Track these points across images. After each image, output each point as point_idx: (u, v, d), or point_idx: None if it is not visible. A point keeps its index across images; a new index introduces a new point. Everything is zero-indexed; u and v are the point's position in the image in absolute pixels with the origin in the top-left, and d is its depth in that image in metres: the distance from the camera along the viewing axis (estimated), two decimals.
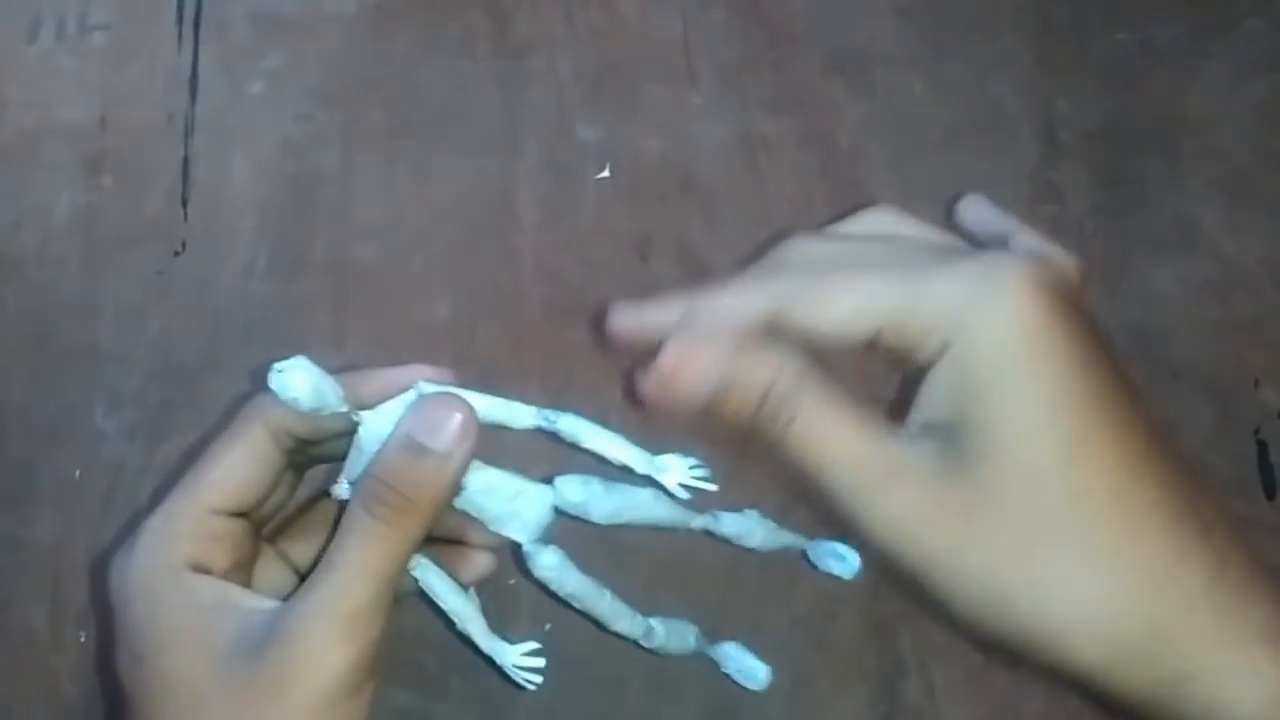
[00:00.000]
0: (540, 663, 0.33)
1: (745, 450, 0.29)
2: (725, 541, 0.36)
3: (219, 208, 0.45)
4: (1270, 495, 0.41)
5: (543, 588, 0.34)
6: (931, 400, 0.28)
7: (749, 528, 0.36)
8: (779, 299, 0.30)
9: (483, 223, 0.44)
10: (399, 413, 0.31)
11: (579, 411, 0.33)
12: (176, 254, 0.44)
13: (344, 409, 0.31)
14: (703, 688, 0.39)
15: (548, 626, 0.39)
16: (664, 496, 0.34)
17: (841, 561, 0.39)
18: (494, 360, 0.43)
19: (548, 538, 0.33)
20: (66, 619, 0.40)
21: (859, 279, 0.29)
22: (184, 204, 0.45)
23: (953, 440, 0.27)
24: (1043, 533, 0.27)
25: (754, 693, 0.39)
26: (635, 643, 0.36)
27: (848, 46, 0.46)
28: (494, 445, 0.32)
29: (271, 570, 0.34)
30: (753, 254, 0.44)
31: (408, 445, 0.30)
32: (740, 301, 0.30)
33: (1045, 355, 0.27)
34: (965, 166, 0.45)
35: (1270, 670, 0.26)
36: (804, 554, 0.39)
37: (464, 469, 0.30)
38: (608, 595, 0.34)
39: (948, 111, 0.45)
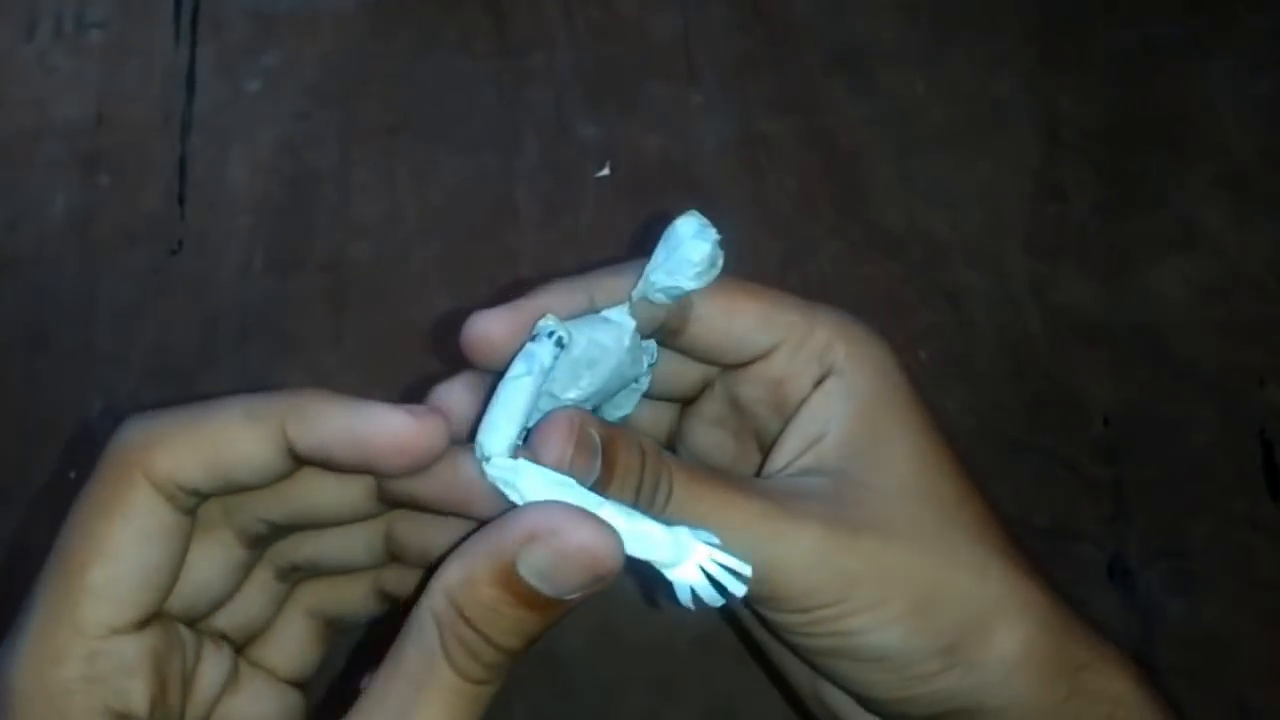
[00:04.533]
0: (745, 571, 0.28)
1: None
2: None
3: (216, 206, 0.44)
4: (1275, 496, 0.41)
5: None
6: (815, 421, 0.29)
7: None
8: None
9: (482, 221, 0.44)
10: (615, 334, 0.27)
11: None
12: (173, 253, 0.44)
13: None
14: (703, 689, 0.39)
15: None
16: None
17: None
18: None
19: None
20: None
21: (758, 295, 0.30)
22: (181, 203, 0.45)
23: (839, 463, 0.28)
24: (951, 532, 0.28)
25: (754, 694, 0.38)
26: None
27: (849, 44, 0.46)
28: None
29: (250, 691, 0.26)
30: (753, 254, 0.44)
31: (509, 585, 0.22)
32: (628, 281, 0.29)
33: (913, 389, 0.29)
34: (967, 165, 0.44)
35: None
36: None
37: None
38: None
39: (950, 110, 0.45)
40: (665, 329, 0.29)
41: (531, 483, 0.24)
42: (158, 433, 0.23)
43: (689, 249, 0.28)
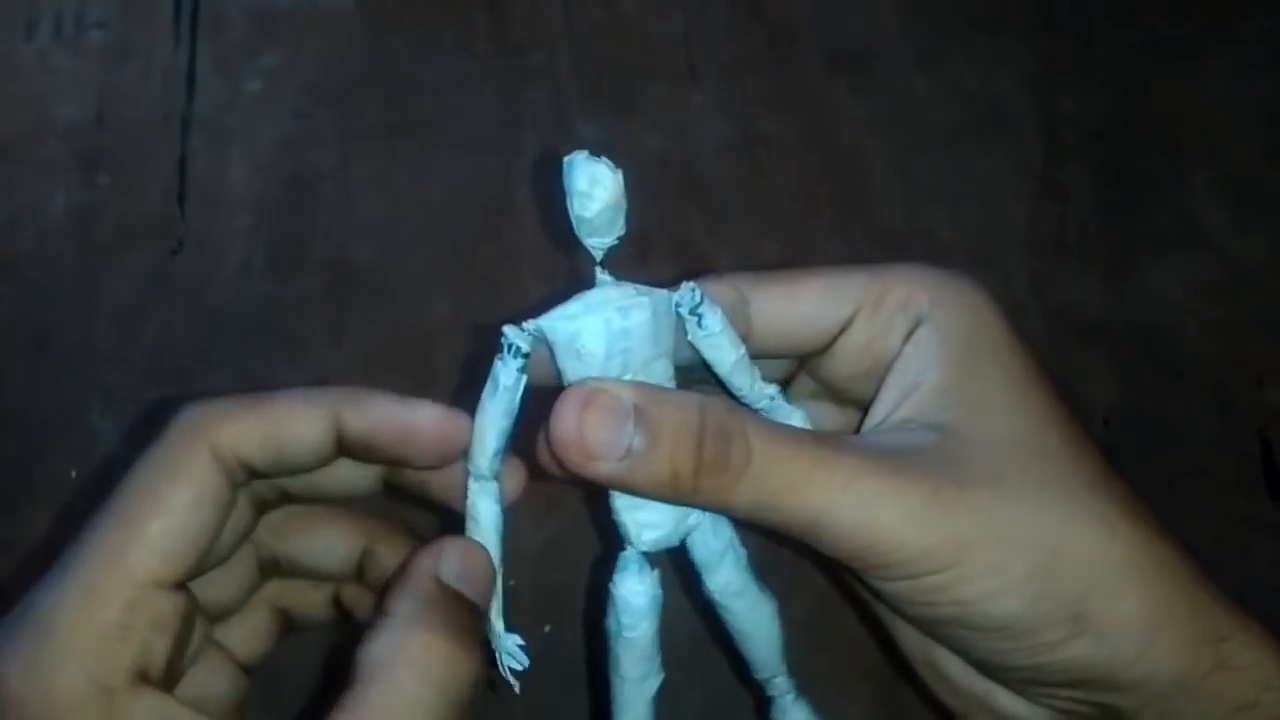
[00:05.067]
0: (523, 664, 0.28)
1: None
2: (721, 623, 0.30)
3: (216, 206, 0.44)
4: (1274, 495, 0.41)
5: (595, 612, 0.28)
6: (909, 370, 0.27)
7: (760, 621, 0.29)
8: (737, 292, 0.28)
9: (482, 221, 0.44)
10: (659, 298, 0.25)
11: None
12: (173, 253, 0.44)
13: (603, 270, 0.26)
14: (704, 690, 0.39)
15: (547, 628, 0.39)
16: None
17: None
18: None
19: (655, 561, 0.27)
20: None
21: (821, 273, 0.28)
22: (181, 203, 0.45)
23: (940, 414, 0.26)
24: (1072, 485, 0.25)
25: (755, 696, 0.38)
26: None
27: (850, 44, 0.46)
28: None
29: (210, 666, 0.28)
30: (754, 253, 0.44)
31: (435, 584, 0.25)
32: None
33: (1012, 332, 0.27)
34: (968, 165, 0.44)
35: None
36: (767, 700, 0.32)
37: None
38: (655, 685, 0.28)
39: (950, 110, 0.45)
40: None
41: (473, 514, 0.27)
42: (223, 409, 0.25)
43: (570, 180, 0.25)
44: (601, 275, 0.26)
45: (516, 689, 0.27)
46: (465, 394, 0.28)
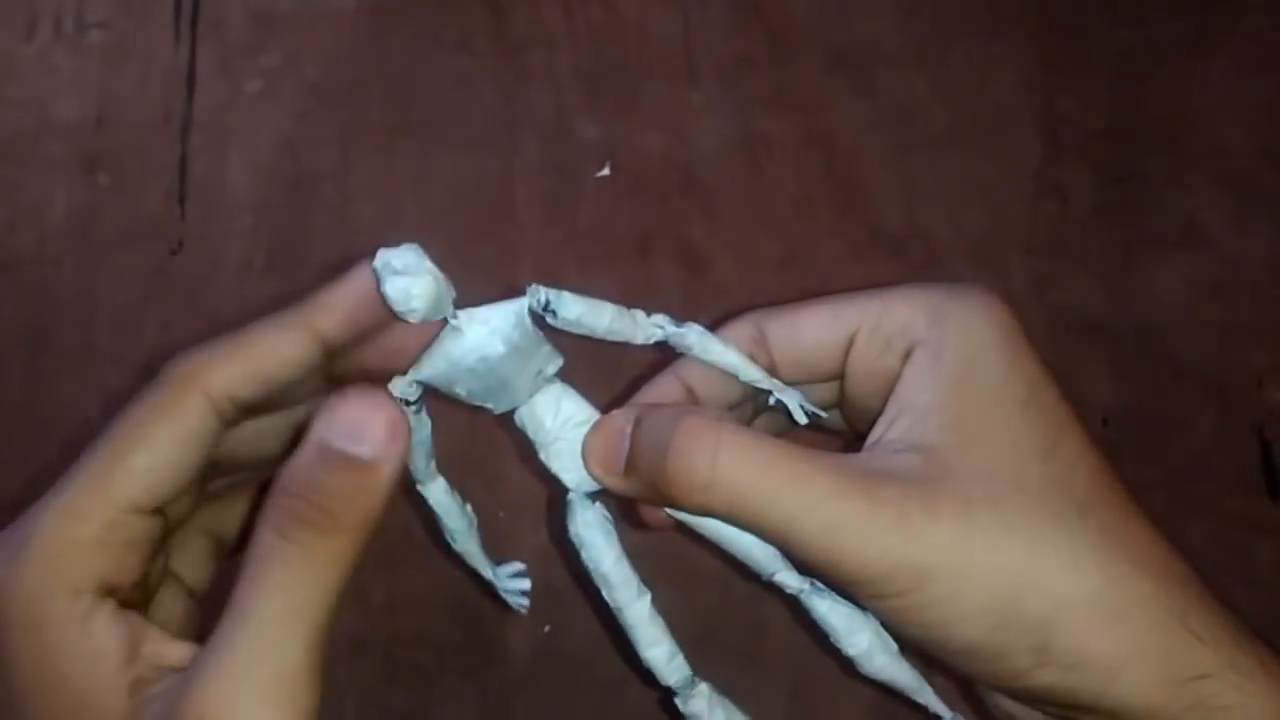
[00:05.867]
0: (526, 584, 0.31)
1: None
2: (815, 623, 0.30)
3: (216, 206, 0.44)
4: (1274, 495, 0.41)
5: (570, 557, 0.29)
6: (906, 391, 0.27)
7: (858, 627, 0.29)
8: (755, 327, 0.30)
9: (482, 221, 0.44)
10: (505, 322, 0.28)
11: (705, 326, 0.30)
12: (173, 253, 0.44)
13: (453, 316, 0.28)
14: None
15: (547, 629, 0.39)
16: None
17: None
18: None
19: (597, 495, 0.29)
20: None
21: (830, 299, 0.30)
22: (181, 203, 0.45)
23: (927, 436, 0.26)
24: (1040, 519, 0.25)
25: (755, 694, 0.38)
26: (668, 690, 0.30)
27: (849, 44, 0.46)
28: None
29: (164, 593, 0.28)
30: (754, 253, 0.44)
31: (325, 455, 0.24)
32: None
33: (1019, 350, 0.28)
34: (968, 165, 0.44)
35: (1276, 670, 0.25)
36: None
37: (397, 476, 0.25)
38: (648, 601, 0.29)
39: (950, 110, 0.45)
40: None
41: (438, 511, 0.30)
42: (212, 355, 0.27)
43: (386, 299, 0.27)
44: (454, 321, 0.28)
45: (524, 610, 0.31)
46: None
